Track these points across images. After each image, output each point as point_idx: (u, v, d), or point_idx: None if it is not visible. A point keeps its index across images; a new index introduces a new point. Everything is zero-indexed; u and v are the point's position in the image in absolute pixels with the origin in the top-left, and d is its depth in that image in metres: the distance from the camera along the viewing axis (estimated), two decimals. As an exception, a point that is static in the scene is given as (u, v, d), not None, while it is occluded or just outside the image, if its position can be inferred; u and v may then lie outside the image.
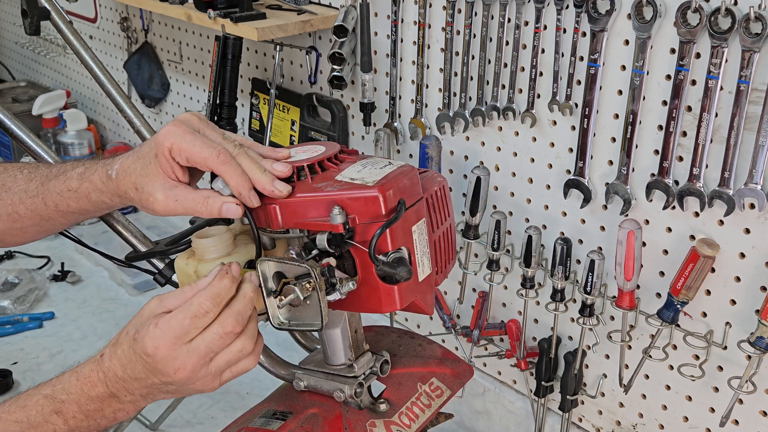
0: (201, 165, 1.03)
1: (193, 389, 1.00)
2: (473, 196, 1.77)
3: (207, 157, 1.01)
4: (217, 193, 1.03)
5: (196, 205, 1.03)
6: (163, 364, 0.96)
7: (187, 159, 1.02)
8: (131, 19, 2.92)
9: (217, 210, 1.03)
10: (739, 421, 1.56)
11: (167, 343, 0.95)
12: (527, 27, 1.68)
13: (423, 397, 1.27)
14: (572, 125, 1.66)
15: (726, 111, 1.39)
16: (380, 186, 1.03)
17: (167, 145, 1.02)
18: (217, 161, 1.01)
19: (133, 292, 2.72)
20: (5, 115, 1.39)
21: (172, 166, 1.03)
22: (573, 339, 1.82)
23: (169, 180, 1.04)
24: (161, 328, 0.95)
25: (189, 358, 0.96)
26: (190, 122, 1.05)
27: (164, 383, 0.98)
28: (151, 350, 0.95)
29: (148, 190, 1.05)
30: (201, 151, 1.01)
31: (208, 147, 1.02)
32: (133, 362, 0.97)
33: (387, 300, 1.05)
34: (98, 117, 3.39)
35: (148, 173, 1.05)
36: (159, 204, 1.04)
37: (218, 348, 0.97)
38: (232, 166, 1.02)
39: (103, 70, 1.68)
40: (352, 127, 2.20)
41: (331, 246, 1.03)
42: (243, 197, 1.03)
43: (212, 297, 0.96)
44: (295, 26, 2.02)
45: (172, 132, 1.03)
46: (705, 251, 1.46)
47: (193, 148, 1.01)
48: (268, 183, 1.03)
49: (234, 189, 1.03)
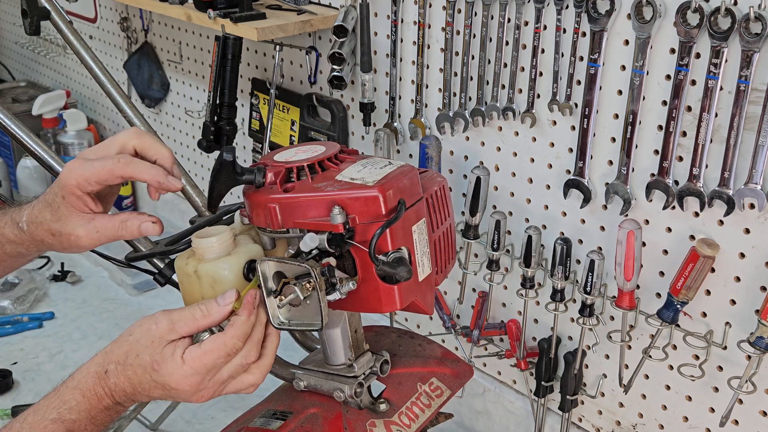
0: (110, 178, 1.07)
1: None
2: (473, 196, 1.77)
3: (111, 168, 1.06)
4: (134, 215, 1.09)
5: (116, 230, 1.08)
6: (187, 395, 1.01)
7: (96, 182, 1.07)
8: (131, 19, 2.92)
9: (136, 230, 1.08)
10: (739, 421, 1.56)
11: (198, 380, 1.00)
12: (527, 27, 1.68)
13: (423, 397, 1.27)
14: (572, 125, 1.66)
15: (726, 111, 1.39)
16: (380, 186, 1.03)
17: (72, 182, 1.07)
18: (121, 165, 1.06)
19: (133, 292, 2.72)
20: (5, 115, 1.39)
21: (83, 200, 1.08)
22: (573, 339, 1.82)
23: (84, 215, 1.09)
24: (192, 366, 0.99)
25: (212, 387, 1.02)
26: (84, 155, 1.10)
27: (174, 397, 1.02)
28: (177, 385, 0.99)
29: (66, 231, 1.09)
30: (103, 167, 1.06)
31: (108, 160, 1.07)
32: (149, 388, 1.00)
33: (387, 300, 1.06)
34: (98, 117, 3.39)
35: (60, 217, 1.09)
36: (82, 240, 1.09)
37: (237, 374, 1.03)
38: (139, 163, 1.06)
39: (103, 70, 1.68)
40: (352, 127, 2.20)
41: (331, 246, 1.03)
42: (164, 183, 1.07)
43: (243, 336, 1.01)
44: (295, 26, 2.02)
45: (71, 168, 1.08)
46: (705, 251, 1.46)
47: (94, 170, 1.06)
48: (162, 176, 1.08)
49: (152, 180, 1.07)
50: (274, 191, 1.07)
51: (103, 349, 1.04)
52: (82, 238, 1.09)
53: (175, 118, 2.91)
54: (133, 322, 1.04)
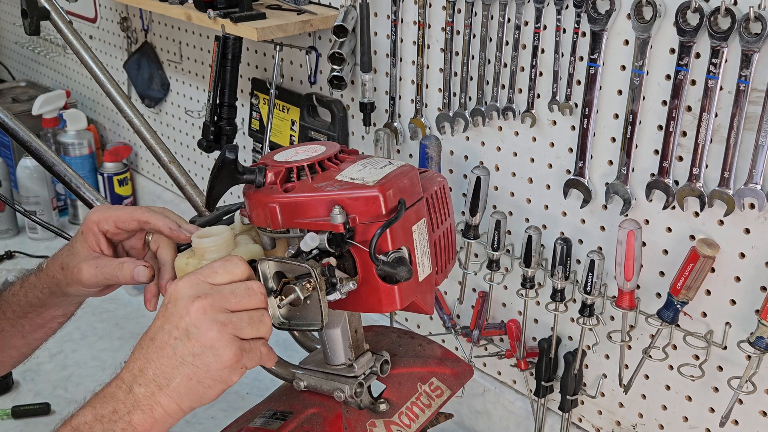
0: (128, 221, 1.14)
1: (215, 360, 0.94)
2: (473, 196, 1.77)
3: (131, 212, 1.14)
4: (131, 259, 1.14)
5: (114, 269, 1.13)
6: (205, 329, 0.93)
7: (114, 223, 1.14)
8: (131, 19, 2.92)
9: (129, 274, 1.12)
10: (739, 421, 1.56)
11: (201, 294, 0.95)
12: (527, 27, 1.68)
13: (423, 397, 1.27)
14: (572, 125, 1.66)
15: (726, 111, 1.39)
16: (380, 186, 1.03)
17: (93, 219, 1.15)
18: (140, 212, 1.14)
19: (133, 292, 2.72)
20: (5, 115, 1.39)
21: (98, 239, 1.15)
22: (573, 339, 1.82)
23: (93, 252, 1.15)
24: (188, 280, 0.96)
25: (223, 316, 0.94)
26: (110, 206, 1.20)
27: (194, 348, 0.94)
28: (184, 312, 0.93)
29: (72, 264, 1.15)
30: (124, 211, 1.15)
31: (131, 209, 1.15)
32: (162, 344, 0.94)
33: (387, 300, 1.06)
34: (98, 117, 3.39)
35: (73, 252, 1.16)
36: (84, 273, 1.14)
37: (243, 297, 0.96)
38: (155, 213, 1.14)
39: (102, 70, 1.68)
40: (352, 127, 2.20)
41: (331, 246, 1.03)
42: (175, 231, 1.13)
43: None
44: (294, 26, 2.02)
45: (96, 210, 1.16)
46: (705, 251, 1.46)
47: (117, 212, 1.15)
48: (174, 225, 1.14)
49: (165, 228, 1.12)
50: (274, 191, 1.07)
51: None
52: (83, 271, 1.14)
53: (175, 118, 2.91)
54: (133, 321, 1.04)
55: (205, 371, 0.93)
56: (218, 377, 0.94)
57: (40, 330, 1.26)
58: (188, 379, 0.92)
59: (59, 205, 3.17)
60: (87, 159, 3.10)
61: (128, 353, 0.96)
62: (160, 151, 1.64)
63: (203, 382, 0.93)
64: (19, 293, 1.23)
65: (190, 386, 0.92)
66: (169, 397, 0.92)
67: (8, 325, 1.24)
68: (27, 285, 1.22)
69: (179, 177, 1.62)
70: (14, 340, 1.26)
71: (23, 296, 1.22)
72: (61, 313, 1.25)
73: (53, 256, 1.20)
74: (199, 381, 0.93)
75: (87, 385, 2.29)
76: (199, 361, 0.92)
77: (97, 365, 2.37)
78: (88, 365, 2.38)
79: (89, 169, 3.10)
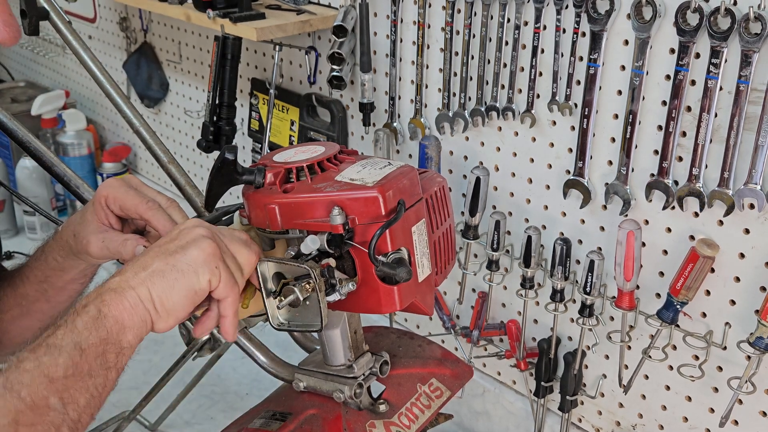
0: (131, 211, 1.12)
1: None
2: (473, 197, 1.77)
3: (137, 204, 1.11)
4: (135, 237, 1.13)
5: (118, 245, 1.13)
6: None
7: (120, 207, 1.13)
8: (130, 19, 2.92)
9: (131, 251, 1.11)
10: (739, 421, 1.56)
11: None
12: (527, 27, 1.67)
13: (423, 398, 1.27)
14: (572, 125, 1.66)
15: (725, 111, 1.39)
16: (380, 186, 1.03)
17: (104, 194, 1.13)
18: (145, 207, 1.11)
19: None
20: (4, 116, 1.39)
21: (107, 214, 1.14)
22: (573, 339, 1.82)
23: (102, 225, 1.14)
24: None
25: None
26: (128, 180, 1.16)
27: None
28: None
29: (83, 234, 1.15)
30: (132, 199, 1.12)
31: (139, 196, 1.13)
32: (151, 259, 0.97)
33: (387, 301, 1.05)
34: (97, 117, 3.38)
35: (84, 221, 1.15)
36: (92, 246, 1.14)
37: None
38: (159, 213, 1.11)
39: (102, 71, 1.68)
40: (351, 127, 2.19)
41: (330, 247, 1.03)
42: None
43: None
44: (294, 26, 2.02)
45: (109, 184, 1.14)
46: (704, 251, 1.46)
47: (126, 196, 1.12)
48: None
49: (162, 231, 1.10)
50: (273, 192, 1.06)
51: None
52: (92, 244, 1.14)
53: (175, 118, 2.91)
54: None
55: (182, 257, 0.96)
56: (192, 264, 0.95)
57: (62, 293, 1.25)
58: (165, 263, 0.95)
59: (58, 205, 3.17)
60: (86, 159, 3.10)
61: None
62: (160, 151, 1.63)
63: (177, 266, 0.95)
64: (41, 257, 1.24)
65: (165, 271, 0.95)
66: (141, 280, 0.94)
67: (32, 289, 1.25)
68: (47, 249, 1.23)
69: (178, 177, 1.62)
70: (39, 304, 1.26)
71: (43, 260, 1.23)
72: (80, 276, 1.25)
73: (67, 220, 1.20)
74: (173, 265, 0.95)
75: (86, 385, 2.29)
76: (181, 251, 0.96)
77: (96, 366, 2.36)
78: (87, 366, 2.37)
79: (88, 170, 3.10)
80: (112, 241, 1.13)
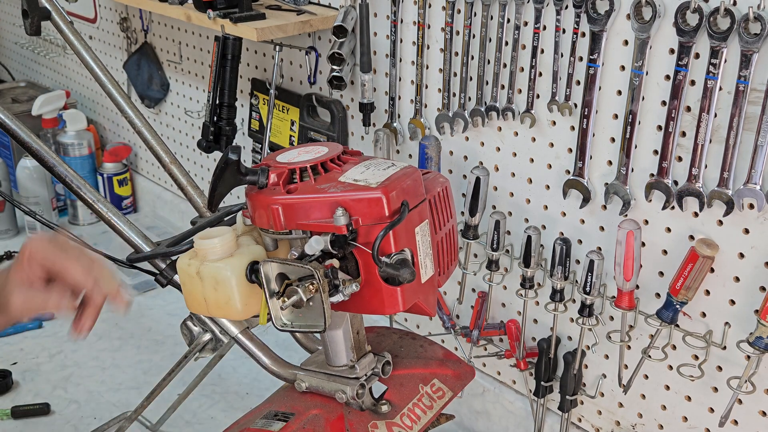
0: (51, 268, 1.09)
1: None
2: (472, 197, 1.78)
3: (62, 263, 1.09)
4: (58, 291, 1.09)
5: (43, 302, 1.09)
6: None
7: (40, 265, 1.09)
8: (131, 19, 2.92)
9: (56, 307, 1.09)
10: (739, 421, 1.56)
11: None
12: (526, 27, 1.68)
13: (425, 399, 1.28)
14: (571, 125, 1.66)
15: (725, 111, 1.40)
16: (384, 187, 1.03)
17: (27, 251, 1.10)
18: (72, 269, 1.08)
19: (133, 293, 2.72)
20: (5, 116, 1.39)
21: (31, 270, 1.10)
22: (572, 339, 1.82)
23: (25, 283, 1.10)
24: None
25: None
26: (57, 240, 1.12)
27: None
28: None
29: (7, 290, 1.10)
30: (56, 257, 1.09)
31: (62, 257, 1.09)
32: None
33: (390, 301, 1.06)
34: (98, 117, 3.39)
35: (9, 277, 1.11)
36: (12, 304, 1.09)
37: None
38: (88, 277, 1.08)
39: (103, 71, 1.68)
40: (351, 127, 2.20)
41: (334, 247, 1.03)
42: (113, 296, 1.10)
43: None
44: (294, 26, 2.02)
45: (33, 240, 1.11)
46: (704, 251, 1.46)
47: (47, 253, 1.09)
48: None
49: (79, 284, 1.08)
50: (277, 192, 1.07)
51: None
52: (12, 302, 1.10)
53: (175, 118, 2.91)
54: (133, 322, 1.04)
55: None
56: None
57: None
58: None
59: (59, 205, 3.17)
60: (87, 159, 3.10)
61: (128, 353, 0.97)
62: (161, 151, 1.64)
63: None
64: None
65: None
66: None
67: None
68: None
69: (180, 178, 1.62)
70: None
71: None
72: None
73: None
74: None
75: (87, 385, 2.29)
76: None
77: (96, 365, 2.37)
78: (87, 365, 2.38)
79: (89, 170, 3.10)
80: (35, 297, 1.10)
